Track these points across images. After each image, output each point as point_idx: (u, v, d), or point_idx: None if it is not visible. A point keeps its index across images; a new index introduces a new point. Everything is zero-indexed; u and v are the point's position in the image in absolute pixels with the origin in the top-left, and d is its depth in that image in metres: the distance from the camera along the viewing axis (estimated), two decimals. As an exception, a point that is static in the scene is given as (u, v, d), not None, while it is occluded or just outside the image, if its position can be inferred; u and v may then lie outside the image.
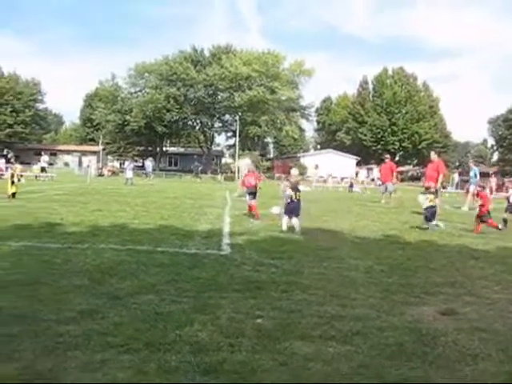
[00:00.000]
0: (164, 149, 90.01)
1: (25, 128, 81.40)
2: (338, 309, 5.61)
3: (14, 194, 19.03)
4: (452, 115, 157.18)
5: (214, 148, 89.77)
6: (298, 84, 79.11)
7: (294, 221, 12.18)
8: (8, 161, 44.44)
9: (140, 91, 79.93)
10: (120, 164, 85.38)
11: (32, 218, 12.71)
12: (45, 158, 43.12)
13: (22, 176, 21.44)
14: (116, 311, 5.19)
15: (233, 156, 67.99)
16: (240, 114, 74.78)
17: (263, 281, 6.78)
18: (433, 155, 19.03)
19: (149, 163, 51.26)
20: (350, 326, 5.02)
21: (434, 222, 13.60)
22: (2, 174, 35.35)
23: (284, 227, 12.21)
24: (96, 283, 6.29)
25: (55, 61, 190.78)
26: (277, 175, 61.55)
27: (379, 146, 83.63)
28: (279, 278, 6.96)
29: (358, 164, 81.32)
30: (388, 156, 25.70)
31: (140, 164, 79.61)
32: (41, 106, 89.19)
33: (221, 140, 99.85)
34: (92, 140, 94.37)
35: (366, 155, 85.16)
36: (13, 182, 19.42)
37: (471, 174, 23.32)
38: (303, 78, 78.58)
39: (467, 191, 22.76)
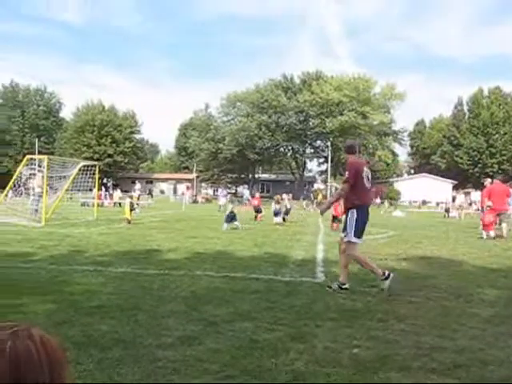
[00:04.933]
0: (256, 176, 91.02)
1: (124, 158, 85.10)
2: (437, 340, 5.39)
3: (129, 221, 20.55)
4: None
5: (306, 174, 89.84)
6: (390, 108, 78.23)
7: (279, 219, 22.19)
8: (107, 189, 46.39)
9: (232, 120, 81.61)
10: (213, 191, 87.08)
11: (130, 245, 13.18)
12: (138, 186, 44.95)
13: (137, 205, 23.19)
14: (212, 338, 5.24)
15: (325, 182, 67.68)
16: (331, 139, 74.63)
17: (359, 309, 6.65)
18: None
19: (246, 191, 52.26)
20: (452, 358, 4.81)
21: None
22: (102, 203, 36.96)
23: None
24: (192, 309, 6.40)
25: (151, 93, 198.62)
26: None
27: (476, 169, 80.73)
28: (375, 307, 6.81)
29: (455, 188, 78.72)
30: (489, 180, 24.57)
31: (233, 191, 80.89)
32: (138, 137, 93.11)
33: (313, 166, 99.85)
34: (186, 168, 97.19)
35: (463, 179, 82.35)
36: (131, 210, 21.10)
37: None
38: (395, 101, 77.64)
39: None
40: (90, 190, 30.60)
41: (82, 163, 25.26)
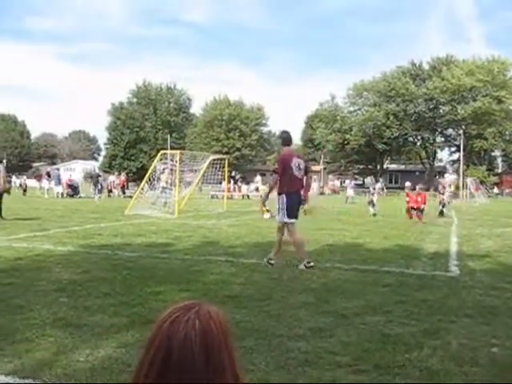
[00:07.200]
0: (384, 166, 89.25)
1: (251, 151, 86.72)
2: None
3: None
4: None
5: (436, 164, 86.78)
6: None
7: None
8: (235, 182, 47.65)
9: (359, 110, 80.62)
10: (340, 182, 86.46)
11: (260, 236, 13.41)
12: (258, 178, 46.16)
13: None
14: (343, 330, 5.22)
15: (457, 172, 64.96)
16: (464, 127, 71.42)
17: (497, 306, 6.33)
18: None
19: (378, 184, 51.64)
20: None
21: None
22: (232, 195, 38.06)
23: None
24: (323, 301, 6.40)
25: (277, 85, 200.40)
26: (506, 191, 57.39)
27: None
28: (515, 304, 6.45)
29: None
30: None
31: (360, 182, 79.86)
32: (264, 130, 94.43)
33: (443, 155, 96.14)
34: (313, 160, 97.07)
35: None
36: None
37: None
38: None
39: None
40: (220, 182, 31.51)
41: (211, 157, 26.10)
